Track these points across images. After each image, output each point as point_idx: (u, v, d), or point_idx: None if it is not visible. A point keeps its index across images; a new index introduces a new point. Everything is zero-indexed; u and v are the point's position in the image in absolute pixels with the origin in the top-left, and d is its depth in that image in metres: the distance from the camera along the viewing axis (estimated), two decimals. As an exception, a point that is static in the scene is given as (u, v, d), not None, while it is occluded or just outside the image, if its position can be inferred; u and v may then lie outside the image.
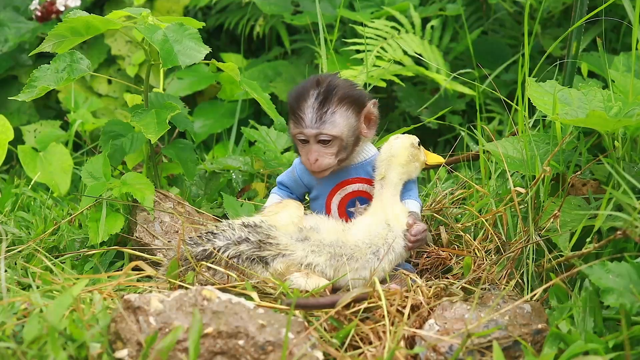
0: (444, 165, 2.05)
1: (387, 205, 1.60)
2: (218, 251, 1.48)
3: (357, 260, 1.52)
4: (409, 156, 1.65)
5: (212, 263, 1.48)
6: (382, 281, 1.49)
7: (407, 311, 1.39)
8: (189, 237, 1.54)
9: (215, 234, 1.51)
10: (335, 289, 1.51)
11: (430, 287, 1.50)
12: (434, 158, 1.76)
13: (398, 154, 1.64)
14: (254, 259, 1.47)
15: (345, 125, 1.59)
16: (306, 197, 1.76)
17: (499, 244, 1.68)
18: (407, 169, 1.65)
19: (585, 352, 1.24)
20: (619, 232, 1.38)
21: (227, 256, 1.47)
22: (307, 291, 1.43)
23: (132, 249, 1.74)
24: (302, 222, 1.56)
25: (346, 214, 1.66)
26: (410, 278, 1.52)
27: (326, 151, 1.59)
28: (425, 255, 1.73)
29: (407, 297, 1.42)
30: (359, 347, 1.33)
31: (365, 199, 1.66)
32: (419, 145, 1.69)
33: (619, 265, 1.35)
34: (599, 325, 1.36)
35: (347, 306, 1.38)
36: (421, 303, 1.42)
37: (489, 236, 1.73)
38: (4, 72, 2.89)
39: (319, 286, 1.45)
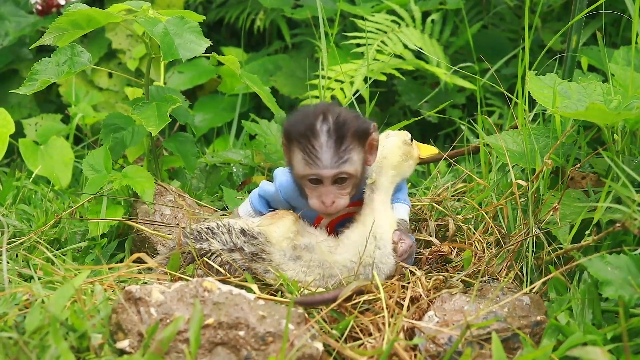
0: (445, 159, 2.06)
1: (377, 213, 1.55)
2: (212, 255, 1.48)
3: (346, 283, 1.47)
4: (402, 155, 1.62)
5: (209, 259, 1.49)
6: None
7: (406, 303, 1.39)
8: (191, 229, 1.54)
9: (214, 233, 1.52)
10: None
11: (429, 279, 1.51)
12: (427, 149, 1.72)
13: (390, 154, 1.61)
14: (245, 269, 1.47)
15: (359, 161, 1.51)
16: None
17: (499, 236, 1.69)
18: (399, 170, 1.62)
19: (584, 343, 1.25)
20: (617, 225, 1.38)
21: (220, 261, 1.48)
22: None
23: (139, 222, 1.75)
24: (297, 237, 1.52)
25: (335, 232, 1.61)
26: (410, 271, 1.52)
27: (342, 192, 1.51)
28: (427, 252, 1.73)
29: (405, 289, 1.43)
30: (359, 339, 1.34)
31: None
32: (411, 140, 1.66)
33: (618, 258, 1.36)
34: (597, 317, 1.37)
35: (348, 299, 1.39)
36: (420, 295, 1.43)
37: (489, 229, 1.73)
38: (5, 66, 2.90)
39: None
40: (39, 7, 2.82)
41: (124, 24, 1.88)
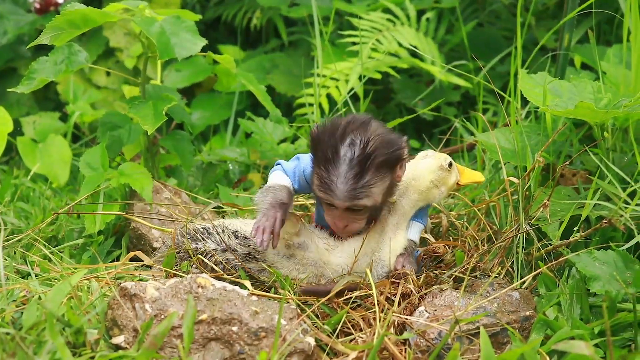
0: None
1: (386, 235, 1.51)
2: (207, 255, 1.51)
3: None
4: (433, 181, 1.52)
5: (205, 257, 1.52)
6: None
7: (397, 299, 1.41)
8: (187, 229, 1.56)
9: (210, 233, 1.54)
10: None
11: (421, 276, 1.53)
12: (470, 176, 1.60)
13: (420, 177, 1.52)
14: (238, 268, 1.49)
15: (381, 192, 1.42)
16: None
17: (490, 232, 1.71)
18: (426, 195, 1.52)
19: (571, 338, 1.27)
20: (604, 221, 1.40)
21: (214, 261, 1.50)
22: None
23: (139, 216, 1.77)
24: (291, 237, 1.51)
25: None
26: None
27: (357, 217, 1.45)
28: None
29: (397, 285, 1.45)
30: (351, 334, 1.36)
31: None
32: (449, 166, 1.54)
33: (605, 254, 1.38)
34: (585, 312, 1.39)
35: (340, 294, 1.41)
36: (411, 291, 1.45)
37: (481, 225, 1.75)
38: (3, 64, 2.91)
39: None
40: (38, 6, 2.84)
41: (121, 22, 1.89)
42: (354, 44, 2.59)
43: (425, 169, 1.53)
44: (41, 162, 2.28)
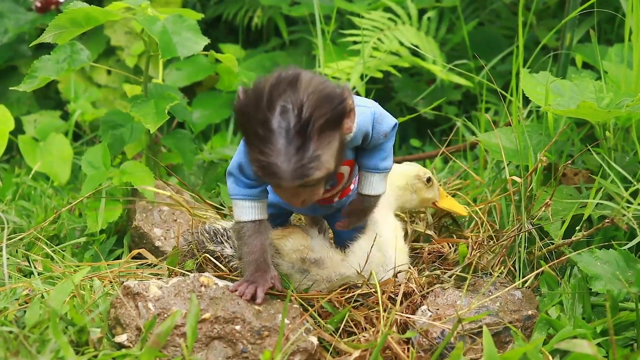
0: (442, 154, 2.07)
1: (379, 225, 1.52)
2: (224, 259, 1.51)
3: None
4: (408, 184, 1.59)
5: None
6: None
7: (399, 298, 1.41)
8: (207, 227, 1.57)
9: (229, 237, 1.53)
10: None
11: (423, 276, 1.53)
12: (450, 204, 1.66)
13: (396, 176, 1.56)
14: None
15: (332, 156, 1.21)
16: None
17: (491, 232, 1.71)
18: (402, 192, 1.59)
19: (574, 337, 1.27)
20: (607, 221, 1.41)
21: (231, 267, 1.50)
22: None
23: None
24: (306, 251, 1.50)
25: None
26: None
27: (313, 189, 1.24)
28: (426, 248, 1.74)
29: (399, 284, 1.45)
30: (354, 333, 1.36)
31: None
32: (427, 181, 1.61)
33: (607, 253, 1.39)
34: (587, 311, 1.39)
35: (342, 293, 1.42)
36: (413, 290, 1.45)
37: (483, 224, 1.75)
38: (4, 63, 2.91)
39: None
40: (38, 5, 2.84)
41: (122, 21, 1.90)
42: (355, 43, 2.59)
43: (403, 171, 1.60)
44: (42, 161, 2.27)
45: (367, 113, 1.33)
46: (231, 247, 1.51)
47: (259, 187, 1.35)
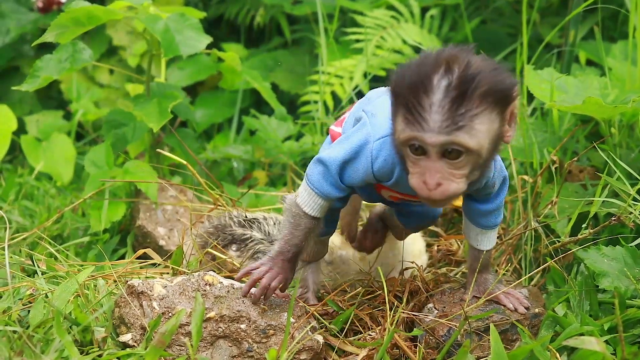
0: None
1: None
2: (250, 241, 1.51)
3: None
4: None
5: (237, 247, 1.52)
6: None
7: (405, 296, 1.41)
8: (235, 213, 1.58)
9: (260, 222, 1.54)
10: None
11: (429, 273, 1.53)
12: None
13: None
14: None
15: (488, 134, 1.09)
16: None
17: (500, 230, 1.70)
18: None
19: (581, 334, 1.26)
20: (613, 219, 1.40)
21: (256, 250, 1.50)
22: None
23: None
24: (336, 250, 1.55)
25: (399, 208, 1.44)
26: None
27: (455, 172, 1.09)
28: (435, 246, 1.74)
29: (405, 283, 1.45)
30: (360, 332, 1.35)
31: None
32: None
33: (614, 250, 1.38)
34: (594, 308, 1.38)
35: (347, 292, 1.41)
36: (419, 288, 1.44)
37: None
38: (6, 63, 2.91)
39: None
40: (40, 5, 2.83)
41: (124, 20, 1.89)
42: (358, 41, 2.58)
43: None
44: (45, 161, 2.27)
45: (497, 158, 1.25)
46: (262, 232, 1.52)
47: (343, 193, 1.26)
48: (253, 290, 1.27)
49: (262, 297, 1.26)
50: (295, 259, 1.30)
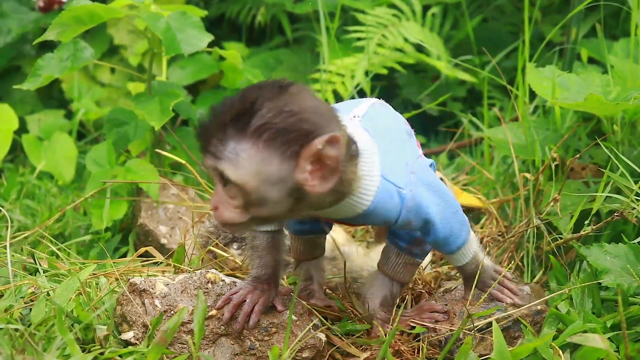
0: (449, 151, 2.06)
1: None
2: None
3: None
4: None
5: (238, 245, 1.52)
6: None
7: (408, 297, 1.41)
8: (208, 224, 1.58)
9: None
10: None
11: (430, 271, 1.52)
12: (466, 199, 1.70)
13: None
14: None
15: (255, 173, 1.03)
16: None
17: (502, 227, 1.70)
18: None
19: (584, 332, 1.26)
20: (616, 214, 1.39)
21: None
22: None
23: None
24: (339, 245, 1.55)
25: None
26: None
27: (228, 200, 1.08)
28: None
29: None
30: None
31: None
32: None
33: (617, 247, 1.38)
34: (597, 305, 1.38)
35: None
36: (421, 292, 1.44)
37: (495, 220, 1.74)
38: (7, 63, 2.91)
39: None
40: (41, 4, 2.83)
41: (126, 19, 1.89)
42: (360, 39, 2.58)
43: None
44: (46, 160, 2.27)
45: (393, 193, 1.17)
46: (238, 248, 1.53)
47: None
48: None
49: (246, 323, 1.23)
50: (273, 278, 1.28)
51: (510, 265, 1.55)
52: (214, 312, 1.24)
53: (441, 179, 1.60)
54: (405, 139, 1.27)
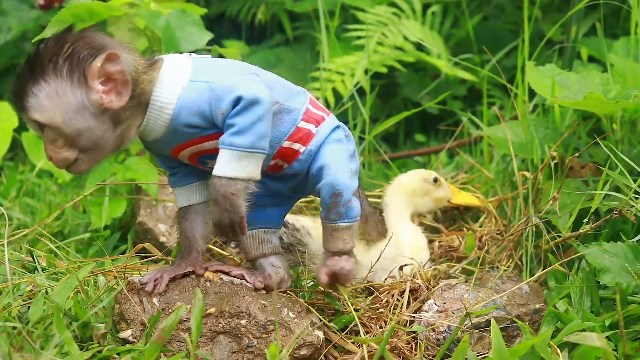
0: (448, 149, 2.06)
1: (394, 228, 1.58)
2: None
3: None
4: (417, 189, 1.62)
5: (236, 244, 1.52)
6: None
7: (406, 294, 1.41)
8: None
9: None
10: None
11: (429, 270, 1.52)
12: (463, 198, 1.71)
13: (403, 182, 1.62)
14: None
15: (56, 109, 1.12)
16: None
17: (501, 226, 1.70)
18: (412, 199, 1.62)
19: (582, 330, 1.26)
20: (614, 212, 1.39)
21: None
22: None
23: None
24: (307, 228, 1.57)
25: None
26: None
27: (54, 145, 1.16)
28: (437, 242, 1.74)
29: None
30: (358, 332, 1.35)
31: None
32: (435, 181, 1.64)
33: (615, 246, 1.37)
34: (595, 304, 1.38)
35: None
36: (420, 286, 1.44)
37: (494, 219, 1.74)
38: (8, 61, 2.91)
39: None
40: (42, 2, 2.83)
41: (125, 17, 1.89)
42: (360, 37, 2.58)
43: (409, 179, 1.63)
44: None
45: (203, 89, 1.18)
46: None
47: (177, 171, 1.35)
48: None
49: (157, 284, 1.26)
50: (188, 249, 1.32)
51: (509, 263, 1.55)
52: (211, 310, 1.24)
53: (436, 179, 1.61)
54: (244, 70, 1.29)
